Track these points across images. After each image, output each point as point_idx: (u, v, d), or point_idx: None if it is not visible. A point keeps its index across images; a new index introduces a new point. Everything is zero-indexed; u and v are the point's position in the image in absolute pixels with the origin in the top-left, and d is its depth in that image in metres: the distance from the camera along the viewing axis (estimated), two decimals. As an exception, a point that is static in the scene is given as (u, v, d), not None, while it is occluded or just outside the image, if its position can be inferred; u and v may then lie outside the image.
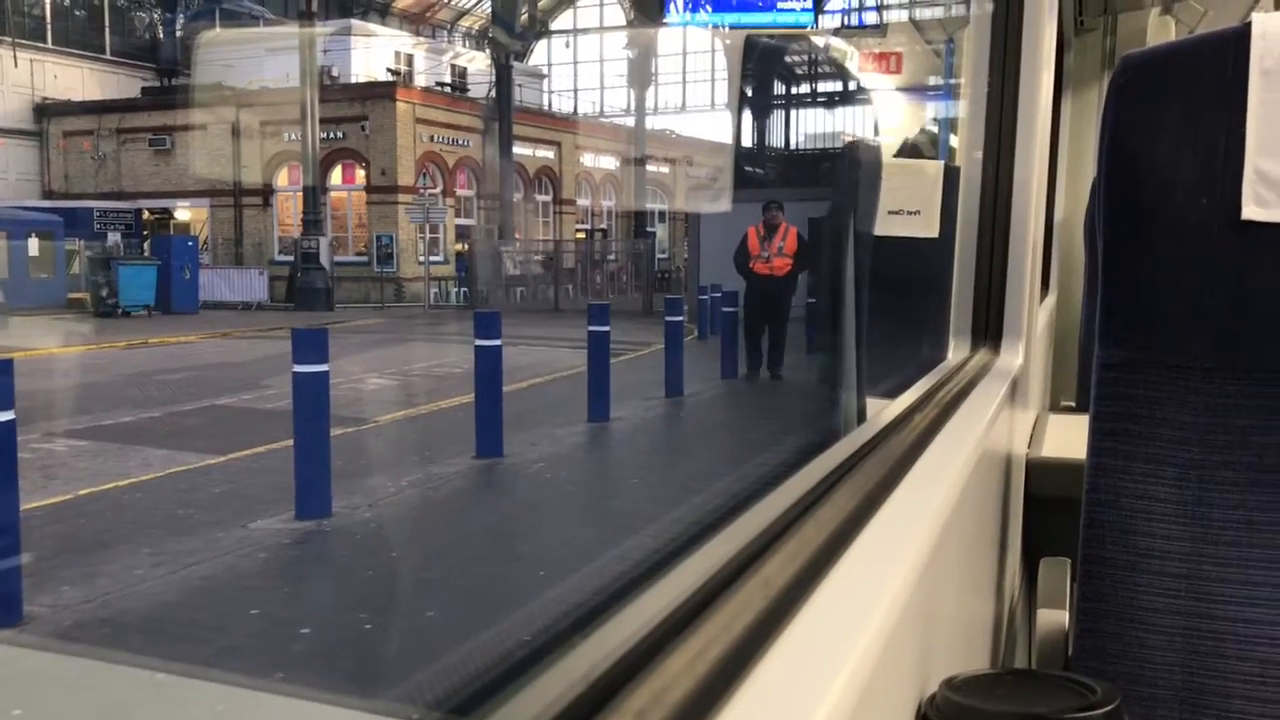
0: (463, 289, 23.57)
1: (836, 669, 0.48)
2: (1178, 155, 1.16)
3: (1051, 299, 3.73)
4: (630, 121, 30.85)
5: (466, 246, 24.87)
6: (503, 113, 25.71)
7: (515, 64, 27.52)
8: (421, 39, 31.49)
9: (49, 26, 27.34)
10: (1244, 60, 1.12)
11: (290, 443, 5.84)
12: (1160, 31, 4.41)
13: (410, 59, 28.93)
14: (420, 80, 27.76)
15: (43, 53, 26.89)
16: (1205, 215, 1.15)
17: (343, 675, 3.50)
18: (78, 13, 28.24)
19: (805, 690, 0.47)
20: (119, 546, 4.99)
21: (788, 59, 27.05)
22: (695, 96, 34.59)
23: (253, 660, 3.57)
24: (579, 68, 36.03)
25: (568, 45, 36.01)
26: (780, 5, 26.20)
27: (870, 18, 27.19)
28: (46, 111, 26.61)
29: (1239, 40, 1.13)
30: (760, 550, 0.61)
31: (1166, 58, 1.21)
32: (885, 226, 2.97)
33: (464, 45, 33.93)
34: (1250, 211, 1.13)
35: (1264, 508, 1.14)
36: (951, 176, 2.74)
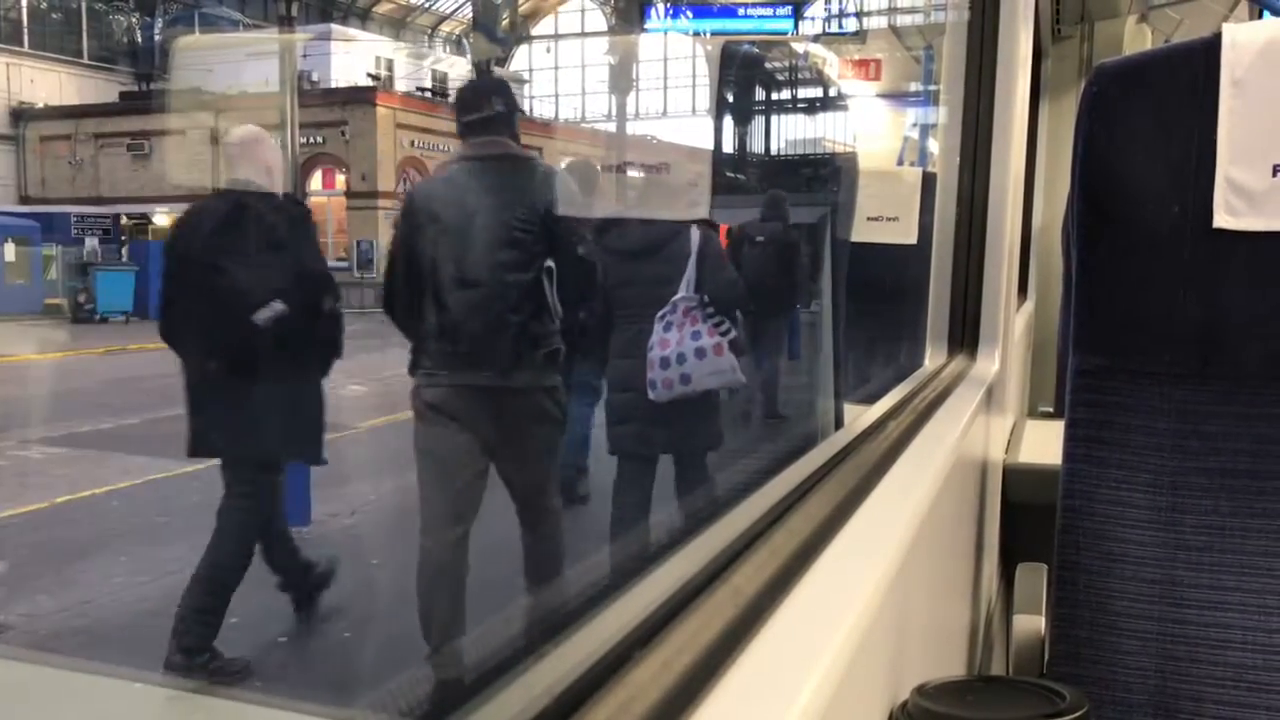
0: (443, 294, 23.48)
1: (805, 676, 0.48)
2: (1150, 164, 1.17)
3: (1030, 305, 3.75)
4: (612, 127, 30.86)
5: (447, 252, 24.80)
6: (484, 118, 25.66)
7: (496, 69, 27.49)
8: (402, 44, 31.43)
9: (25, 30, 27.16)
10: (1215, 69, 1.13)
11: (270, 449, 5.80)
12: (1137, 39, 4.45)
13: (391, 64, 28.86)
14: (401, 85, 27.70)
15: (19, 56, 26.70)
16: (1177, 224, 1.16)
17: (321, 685, 3.48)
18: (54, 16, 28.07)
19: (772, 698, 0.47)
20: (97, 555, 4.94)
21: (768, 65, 27.14)
22: (676, 102, 34.65)
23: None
24: (560, 73, 36.04)
25: (549, 51, 36.01)
26: (760, 13, 26.29)
27: (850, 24, 27.30)
28: (23, 116, 26.42)
29: (1210, 50, 1.14)
30: (730, 559, 0.61)
31: (1139, 67, 1.22)
32: (864, 233, 2.98)
33: (445, 50, 33.88)
34: (1222, 220, 1.14)
35: (1235, 513, 1.15)
36: (930, 183, 2.75)
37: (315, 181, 24.81)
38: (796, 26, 27.59)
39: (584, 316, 3.13)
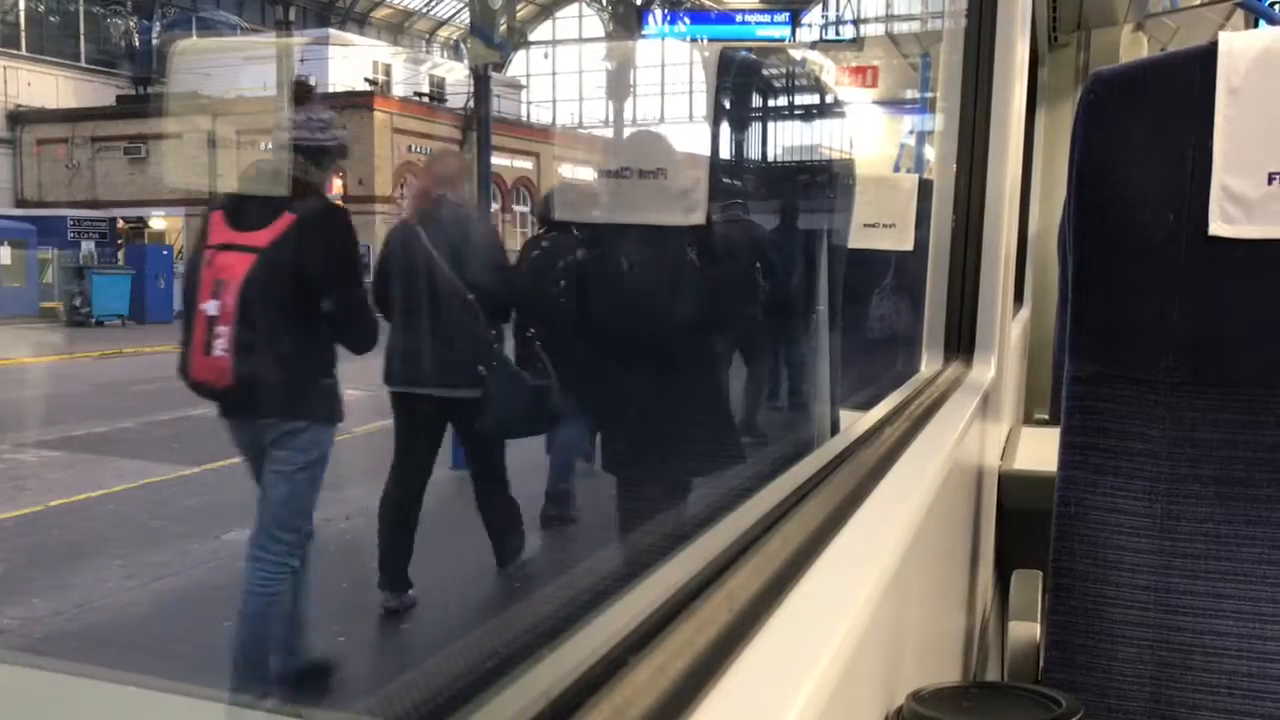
0: (440, 299, 23.46)
1: (800, 682, 0.48)
2: (1146, 171, 1.17)
3: (1026, 312, 3.76)
4: (609, 133, 30.84)
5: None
6: (481, 123, 25.68)
7: (494, 75, 27.49)
8: (400, 49, 31.43)
9: (23, 33, 27.17)
10: (1211, 78, 1.14)
11: (265, 454, 5.78)
12: (1133, 48, 4.46)
13: (388, 69, 28.85)
14: (398, 90, 27.69)
15: (16, 60, 26.70)
16: (1173, 231, 1.16)
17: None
18: (52, 19, 28.08)
19: (767, 704, 0.47)
20: (90, 558, 4.93)
21: (765, 72, 27.16)
22: (673, 108, 34.66)
23: (224, 673, 3.54)
24: (557, 79, 36.05)
25: (546, 56, 36.03)
26: (758, 19, 26.31)
27: (847, 31, 27.34)
28: (20, 119, 26.40)
29: (1206, 58, 1.14)
30: (725, 565, 0.61)
31: (1135, 74, 1.22)
32: (861, 239, 2.99)
33: (443, 55, 33.88)
34: (1217, 228, 1.14)
35: (1230, 521, 1.15)
36: (926, 190, 2.76)
37: (312, 186, 24.74)
38: (794, 33, 27.62)
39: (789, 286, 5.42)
